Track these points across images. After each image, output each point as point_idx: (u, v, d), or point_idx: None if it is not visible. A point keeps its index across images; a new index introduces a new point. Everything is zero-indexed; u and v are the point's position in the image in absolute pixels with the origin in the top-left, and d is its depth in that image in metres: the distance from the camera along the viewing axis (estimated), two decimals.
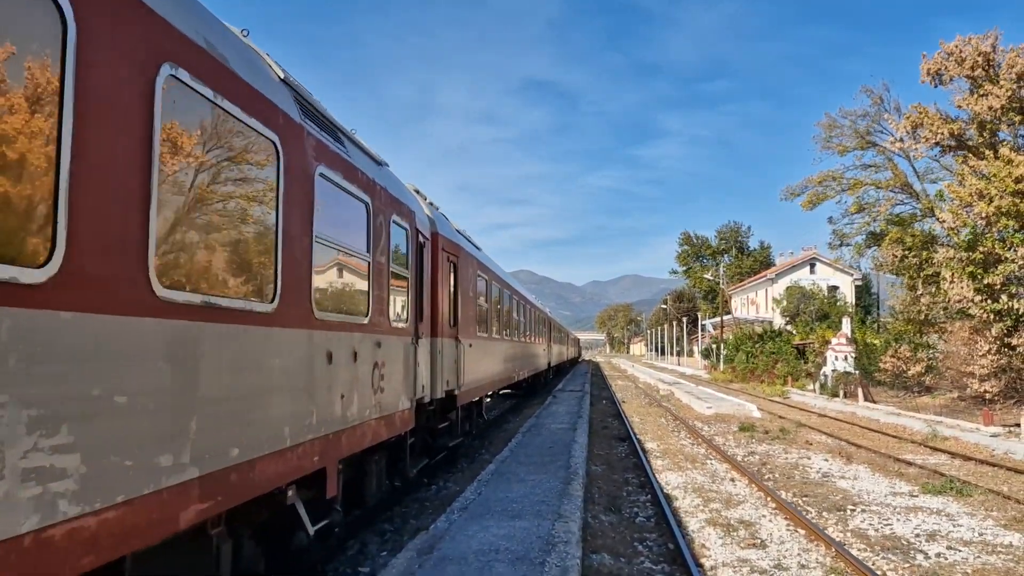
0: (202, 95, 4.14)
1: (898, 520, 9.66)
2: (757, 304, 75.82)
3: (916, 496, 11.22)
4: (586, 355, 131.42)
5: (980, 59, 26.72)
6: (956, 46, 27.61)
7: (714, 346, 61.25)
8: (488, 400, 19.89)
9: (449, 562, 6.23)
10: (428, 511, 9.86)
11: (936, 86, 28.83)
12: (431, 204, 11.58)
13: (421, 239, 9.60)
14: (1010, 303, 23.19)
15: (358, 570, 7.45)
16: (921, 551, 8.24)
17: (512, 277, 22.27)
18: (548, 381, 38.25)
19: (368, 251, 7.12)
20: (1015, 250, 22.94)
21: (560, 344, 46.91)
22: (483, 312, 14.85)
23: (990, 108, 25.92)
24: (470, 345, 12.90)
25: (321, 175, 5.92)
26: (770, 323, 58.27)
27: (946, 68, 27.96)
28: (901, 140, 30.95)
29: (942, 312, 28.18)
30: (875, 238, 37.40)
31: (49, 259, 2.90)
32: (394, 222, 8.16)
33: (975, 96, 26.86)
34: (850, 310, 52.23)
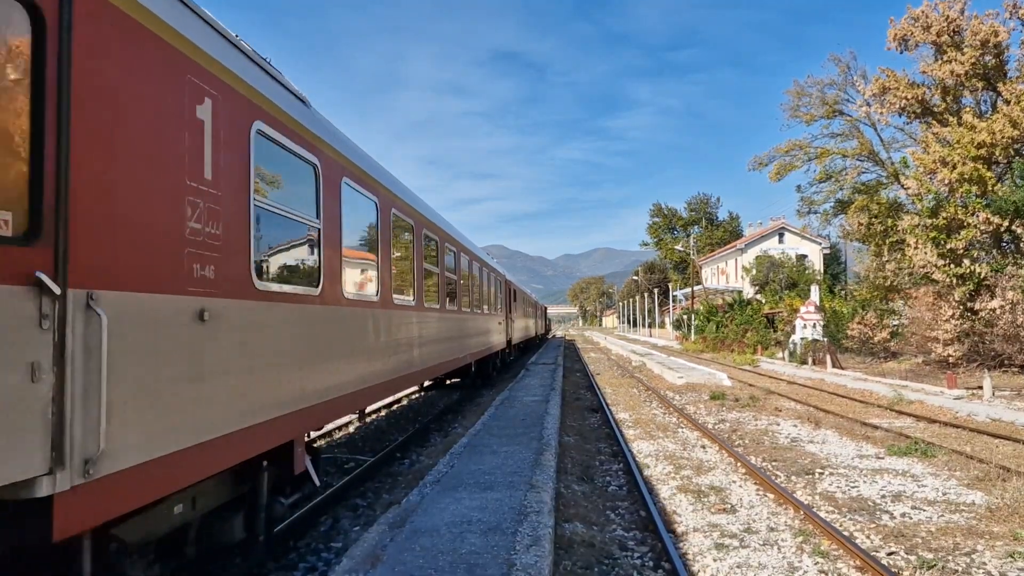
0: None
1: (865, 482, 9.83)
2: (727, 274, 76.51)
3: (882, 458, 11.43)
4: (558, 331, 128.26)
5: (946, 25, 26.82)
6: (923, 11, 27.59)
7: (685, 317, 61.79)
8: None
9: (421, 534, 6.19)
10: (401, 485, 9.83)
11: (902, 51, 28.91)
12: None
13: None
14: (972, 267, 23.64)
15: (330, 545, 7.40)
16: (887, 511, 8.39)
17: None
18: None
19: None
20: (976, 215, 23.32)
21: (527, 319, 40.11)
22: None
23: (953, 73, 26.11)
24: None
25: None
26: (740, 292, 58.86)
27: (912, 34, 28.00)
28: (867, 104, 31.10)
29: (907, 278, 28.60)
30: (842, 206, 37.79)
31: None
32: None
33: (939, 63, 27.04)
34: (818, 278, 52.83)
